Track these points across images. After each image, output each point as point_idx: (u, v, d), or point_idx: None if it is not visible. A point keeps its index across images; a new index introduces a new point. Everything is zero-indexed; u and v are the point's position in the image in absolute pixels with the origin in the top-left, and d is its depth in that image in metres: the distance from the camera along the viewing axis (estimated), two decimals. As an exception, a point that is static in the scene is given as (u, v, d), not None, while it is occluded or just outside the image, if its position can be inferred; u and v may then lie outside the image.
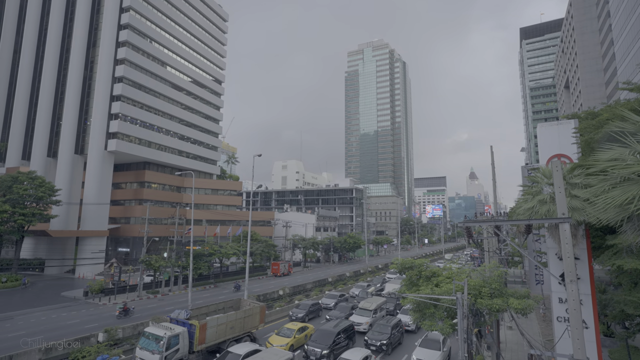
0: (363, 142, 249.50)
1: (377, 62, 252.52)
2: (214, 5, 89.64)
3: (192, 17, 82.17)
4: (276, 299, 45.55)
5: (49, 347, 24.46)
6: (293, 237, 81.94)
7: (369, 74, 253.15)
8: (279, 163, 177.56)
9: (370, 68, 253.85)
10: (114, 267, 44.39)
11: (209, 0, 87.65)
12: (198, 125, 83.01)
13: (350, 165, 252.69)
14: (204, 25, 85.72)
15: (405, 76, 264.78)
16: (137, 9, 67.71)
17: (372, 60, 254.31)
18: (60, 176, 63.26)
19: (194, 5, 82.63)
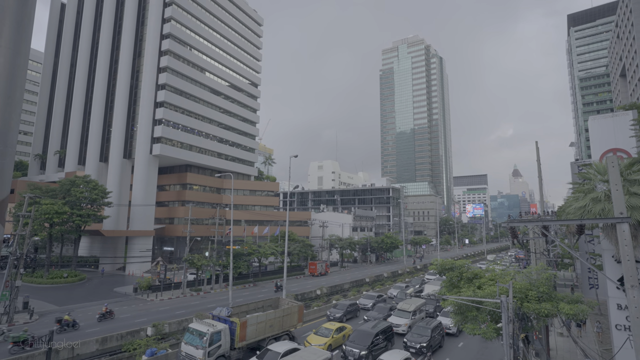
0: (399, 141, 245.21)
1: (412, 59, 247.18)
2: (249, 11, 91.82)
3: (229, 24, 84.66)
4: (314, 299, 45.85)
5: (104, 338, 26.20)
6: (330, 237, 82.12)
7: (404, 71, 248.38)
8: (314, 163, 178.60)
9: (406, 65, 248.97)
10: (159, 265, 46.72)
11: (245, 6, 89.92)
12: (236, 128, 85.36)
13: (386, 164, 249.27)
14: (240, 31, 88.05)
15: (442, 72, 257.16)
16: (177, 18, 70.81)
17: (407, 57, 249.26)
18: (111, 179, 67.55)
19: (230, 12, 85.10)
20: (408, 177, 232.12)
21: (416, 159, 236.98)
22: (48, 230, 51.25)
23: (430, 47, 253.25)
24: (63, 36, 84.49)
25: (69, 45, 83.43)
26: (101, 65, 73.89)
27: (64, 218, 51.23)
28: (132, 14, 72.33)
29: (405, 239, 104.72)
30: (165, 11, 70.14)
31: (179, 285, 48.06)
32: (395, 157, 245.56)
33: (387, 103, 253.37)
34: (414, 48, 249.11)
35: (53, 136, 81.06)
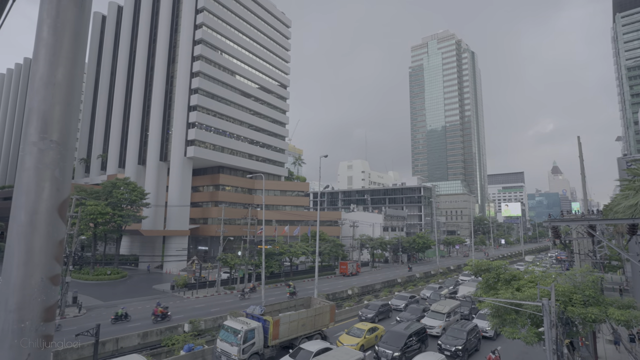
0: (430, 139, 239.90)
1: (442, 55, 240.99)
2: (278, 13, 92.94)
3: (258, 27, 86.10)
4: (345, 299, 45.75)
5: (145, 332, 27.40)
6: (360, 237, 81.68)
7: (435, 68, 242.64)
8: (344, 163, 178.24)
9: (436, 61, 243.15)
10: (195, 264, 48.27)
11: (273, 9, 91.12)
12: (266, 130, 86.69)
13: (417, 163, 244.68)
14: (268, 34, 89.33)
15: (475, 67, 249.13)
16: (208, 24, 72.86)
17: (437, 53, 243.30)
18: (148, 181, 70.52)
19: (259, 16, 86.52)
20: (440, 175, 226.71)
21: (448, 157, 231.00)
22: (93, 229, 54.25)
23: (461, 41, 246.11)
24: (104, 47, 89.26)
25: (109, 55, 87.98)
26: (138, 72, 77.33)
27: (106, 218, 54.02)
28: (167, 22, 75.16)
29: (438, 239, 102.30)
30: (197, 18, 72.35)
31: (213, 284, 49.40)
32: (426, 155, 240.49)
33: (417, 100, 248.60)
34: (444, 44, 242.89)
35: (96, 141, 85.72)
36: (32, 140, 2.11)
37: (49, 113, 2.14)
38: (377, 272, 71.97)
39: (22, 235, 2.00)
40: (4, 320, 1.87)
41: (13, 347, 1.86)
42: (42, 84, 2.15)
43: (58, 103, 2.17)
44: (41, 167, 2.10)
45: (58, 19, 2.20)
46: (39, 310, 1.97)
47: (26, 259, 1.99)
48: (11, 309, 1.89)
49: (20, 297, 1.93)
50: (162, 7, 75.99)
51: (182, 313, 35.87)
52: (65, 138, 2.17)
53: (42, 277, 2.00)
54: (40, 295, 1.98)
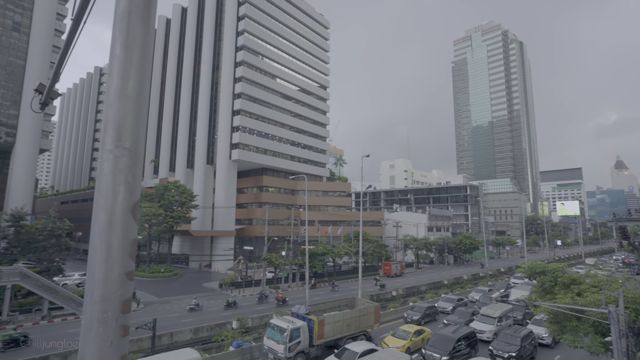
0: (476, 135, 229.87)
1: (487, 47, 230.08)
2: (316, 15, 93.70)
3: (297, 30, 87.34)
4: (389, 300, 45.07)
5: (197, 328, 28.77)
6: (404, 237, 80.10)
7: (479, 61, 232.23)
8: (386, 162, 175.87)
9: (480, 54, 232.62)
10: (241, 264, 49.85)
11: (311, 12, 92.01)
12: (307, 131, 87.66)
13: (462, 160, 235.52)
14: (307, 36, 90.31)
15: (523, 58, 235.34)
16: (250, 30, 75.06)
17: (482, 46, 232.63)
18: (196, 184, 73.93)
19: (298, 19, 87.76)
20: (487, 173, 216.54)
21: (495, 154, 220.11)
22: (148, 230, 57.80)
23: (508, 32, 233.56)
24: (154, 58, 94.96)
25: (159, 66, 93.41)
26: (186, 80, 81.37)
27: (159, 219, 57.31)
28: (210, 31, 78.42)
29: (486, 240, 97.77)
30: (239, 25, 74.81)
31: (258, 283, 50.74)
32: (472, 152, 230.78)
33: (461, 96, 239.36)
34: (489, 35, 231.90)
35: (148, 146, 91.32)
36: (108, 148, 2.31)
37: (122, 123, 2.34)
38: (422, 273, 70.18)
39: (102, 235, 2.19)
40: (91, 311, 2.07)
41: (99, 335, 2.05)
42: (116, 96, 2.35)
43: (129, 113, 2.36)
44: (116, 172, 2.29)
45: (128, 37, 2.40)
46: (118, 302, 2.15)
47: (106, 256, 2.18)
48: (96, 300, 2.08)
49: (103, 290, 2.13)
50: (206, 17, 79.42)
51: (230, 311, 37.19)
52: (136, 145, 2.36)
53: (120, 273, 2.19)
54: (118, 289, 2.17)
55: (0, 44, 58.38)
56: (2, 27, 58.78)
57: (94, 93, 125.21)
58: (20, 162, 58.46)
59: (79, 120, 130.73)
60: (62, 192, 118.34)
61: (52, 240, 41.12)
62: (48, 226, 41.48)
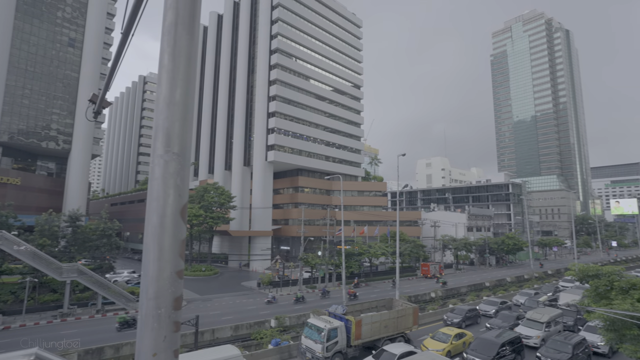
0: (518, 131, 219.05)
1: (529, 38, 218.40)
2: (348, 15, 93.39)
3: (330, 30, 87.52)
4: (428, 302, 44.05)
5: (237, 325, 29.59)
6: (442, 238, 77.93)
7: (520, 53, 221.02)
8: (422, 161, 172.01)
9: (521, 46, 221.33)
10: (278, 263, 50.66)
11: (344, 11, 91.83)
12: (341, 131, 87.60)
13: (503, 157, 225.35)
14: (340, 36, 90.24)
15: (570, 47, 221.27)
16: (283, 33, 76.16)
17: (524, 37, 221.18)
18: (234, 185, 76.07)
19: (330, 19, 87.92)
20: (531, 170, 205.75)
21: (540, 149, 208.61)
22: (189, 230, 60.26)
23: (552, 20, 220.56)
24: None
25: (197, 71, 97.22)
26: (222, 85, 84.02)
27: (200, 220, 59.50)
28: (245, 36, 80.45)
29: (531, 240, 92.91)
30: (272, 28, 76.12)
31: (295, 282, 51.33)
32: (514, 149, 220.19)
33: (501, 90, 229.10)
34: (531, 25, 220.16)
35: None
36: (159, 153, 2.44)
37: (171, 129, 2.46)
38: (461, 274, 67.93)
39: (155, 236, 2.32)
40: (146, 307, 2.20)
41: (154, 330, 2.18)
42: (165, 104, 2.48)
43: (177, 120, 2.49)
44: (166, 176, 2.42)
45: (175, 47, 2.53)
46: (170, 299, 2.27)
47: (159, 255, 2.30)
48: (150, 297, 2.21)
49: (156, 287, 2.25)
50: (241, 22, 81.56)
51: (268, 309, 37.93)
52: (184, 150, 2.48)
53: (171, 272, 2.31)
54: (170, 287, 2.29)
55: (58, 59, 63.21)
56: (60, 43, 63.60)
57: (139, 101, 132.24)
58: (75, 167, 62.92)
59: (126, 126, 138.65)
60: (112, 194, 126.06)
61: (103, 240, 43.89)
62: (100, 226, 44.31)
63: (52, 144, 62.31)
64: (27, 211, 51.45)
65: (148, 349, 2.20)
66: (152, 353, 2.20)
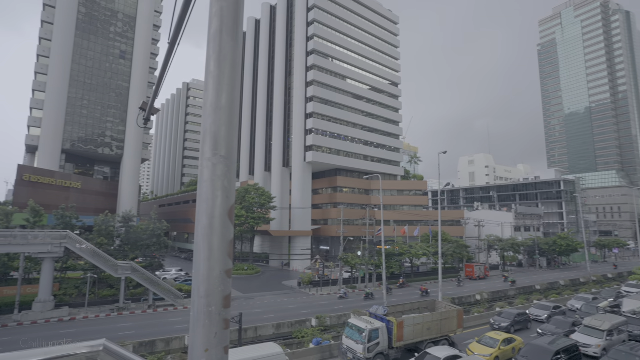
0: (570, 124, 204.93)
1: (582, 23, 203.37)
2: (384, 12, 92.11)
3: (365, 29, 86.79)
4: (473, 304, 42.37)
5: (279, 324, 30.15)
6: (487, 238, 74.69)
7: (572, 40, 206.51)
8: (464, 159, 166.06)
9: (573, 32, 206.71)
10: (318, 263, 50.98)
11: (380, 9, 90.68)
12: (379, 130, 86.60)
13: (553, 153, 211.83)
14: (376, 34, 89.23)
15: (631, 30, 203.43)
16: (319, 34, 76.59)
17: (575, 23, 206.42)
18: (274, 186, 77.58)
19: (366, 18, 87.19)
20: (585, 166, 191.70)
21: (596, 143, 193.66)
22: (232, 230, 62.22)
23: (608, 2, 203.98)
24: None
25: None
26: (261, 88, 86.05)
27: (242, 220, 61.21)
28: (282, 39, 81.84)
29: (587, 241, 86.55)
30: (309, 30, 76.80)
31: (335, 282, 51.41)
32: (566, 143, 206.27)
33: (550, 82, 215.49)
34: (583, 9, 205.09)
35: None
36: (207, 156, 2.54)
37: (218, 133, 2.55)
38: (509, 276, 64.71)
39: (205, 236, 2.41)
40: (198, 304, 2.29)
41: (205, 327, 2.27)
42: (212, 109, 2.58)
43: (224, 124, 2.57)
44: (214, 178, 2.51)
45: (221, 53, 2.62)
46: (220, 297, 2.35)
47: (209, 255, 2.39)
48: (202, 295, 2.30)
49: (207, 286, 2.34)
50: (277, 26, 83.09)
51: (308, 308, 38.27)
52: (230, 153, 2.56)
53: (221, 271, 2.39)
54: (220, 285, 2.37)
55: (111, 71, 67.87)
56: (112, 56, 68.28)
57: (183, 107, 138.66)
58: (127, 171, 67.18)
59: (171, 131, 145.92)
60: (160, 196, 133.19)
61: (153, 239, 46.44)
62: (150, 227, 46.94)
63: (107, 150, 66.95)
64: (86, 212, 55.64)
65: (200, 345, 2.29)
66: (204, 349, 2.29)
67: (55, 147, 61.49)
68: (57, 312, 33.77)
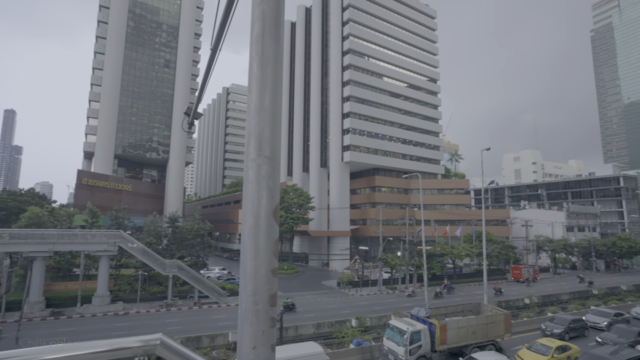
0: (630, 115, 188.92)
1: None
2: (421, 7, 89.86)
3: (402, 25, 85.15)
4: (521, 308, 40.23)
5: (318, 323, 30.33)
6: (536, 238, 70.65)
7: (631, 23, 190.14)
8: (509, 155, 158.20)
9: (633, 14, 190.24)
10: (357, 263, 50.69)
11: (416, 4, 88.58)
12: (418, 128, 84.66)
13: (610, 147, 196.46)
14: (413, 30, 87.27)
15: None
16: (354, 33, 76.18)
17: (636, 3, 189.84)
18: (312, 186, 78.15)
19: (402, 14, 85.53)
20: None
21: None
22: (271, 230, 63.48)
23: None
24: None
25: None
26: (298, 89, 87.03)
27: (281, 220, 62.25)
28: (317, 40, 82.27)
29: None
30: (344, 29, 76.62)
31: (375, 283, 50.86)
32: (625, 136, 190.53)
33: (606, 69, 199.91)
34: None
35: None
36: (252, 157, 2.58)
37: (262, 134, 2.59)
38: (561, 279, 60.82)
39: (251, 235, 2.45)
40: (245, 302, 2.33)
41: (253, 324, 2.31)
42: (256, 110, 2.62)
43: (268, 125, 2.61)
44: (259, 179, 2.54)
45: (263, 55, 2.65)
46: (267, 296, 2.38)
47: (255, 254, 2.43)
48: (249, 293, 2.34)
49: (254, 285, 2.38)
50: (313, 27, 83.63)
51: (348, 309, 38.17)
52: (274, 154, 2.59)
53: (267, 270, 2.42)
54: (266, 284, 2.40)
55: (156, 79, 71.68)
56: (158, 65, 72.08)
57: (223, 110, 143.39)
58: (173, 174, 70.54)
59: (212, 135, 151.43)
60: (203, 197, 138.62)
61: (197, 239, 48.41)
62: (194, 227, 48.97)
63: (154, 154, 70.70)
64: (136, 213, 59.10)
65: (248, 343, 2.33)
66: (252, 346, 2.33)
67: (109, 152, 65.84)
68: (113, 307, 36.17)
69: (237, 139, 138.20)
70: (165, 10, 74.34)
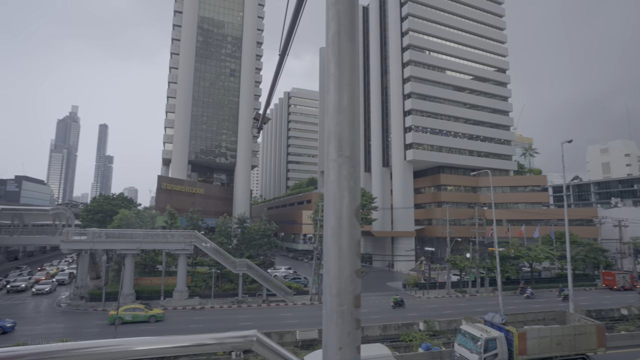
0: None
1: None
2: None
3: (465, 14, 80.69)
4: (617, 320, 35.75)
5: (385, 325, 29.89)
6: (633, 240, 62.32)
7: None
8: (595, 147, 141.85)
9: None
10: (423, 265, 49.03)
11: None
12: (485, 122, 79.64)
13: None
14: (477, 18, 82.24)
15: None
16: (414, 28, 73.88)
17: None
18: (374, 186, 77.26)
19: (464, 2, 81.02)
20: None
21: None
22: (334, 231, 63.95)
23: None
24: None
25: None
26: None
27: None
28: (376, 38, 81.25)
29: None
30: (403, 25, 74.73)
31: (443, 285, 48.78)
32: None
33: None
34: None
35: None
36: (332, 157, 2.58)
37: (341, 134, 2.58)
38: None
39: (334, 236, 2.45)
40: (330, 303, 2.33)
41: (338, 325, 2.29)
42: (335, 110, 2.61)
43: (347, 125, 2.58)
44: (341, 179, 2.53)
45: (340, 56, 2.64)
46: (351, 297, 2.36)
47: (338, 255, 2.41)
48: (333, 294, 2.33)
49: (338, 285, 2.37)
50: (371, 25, 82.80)
51: (415, 311, 37.08)
52: (354, 153, 2.56)
53: (350, 270, 2.40)
54: (350, 285, 2.37)
55: (223, 89, 76.24)
56: (224, 75, 76.65)
57: (285, 114, 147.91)
58: (240, 177, 74.36)
59: (275, 138, 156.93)
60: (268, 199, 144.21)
61: (264, 239, 50.44)
62: (261, 228, 51.09)
63: (222, 159, 75.17)
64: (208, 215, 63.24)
65: (334, 343, 2.33)
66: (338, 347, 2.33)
67: (183, 158, 71.35)
68: (191, 301, 39.12)
69: (299, 141, 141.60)
70: (230, 23, 78.73)
